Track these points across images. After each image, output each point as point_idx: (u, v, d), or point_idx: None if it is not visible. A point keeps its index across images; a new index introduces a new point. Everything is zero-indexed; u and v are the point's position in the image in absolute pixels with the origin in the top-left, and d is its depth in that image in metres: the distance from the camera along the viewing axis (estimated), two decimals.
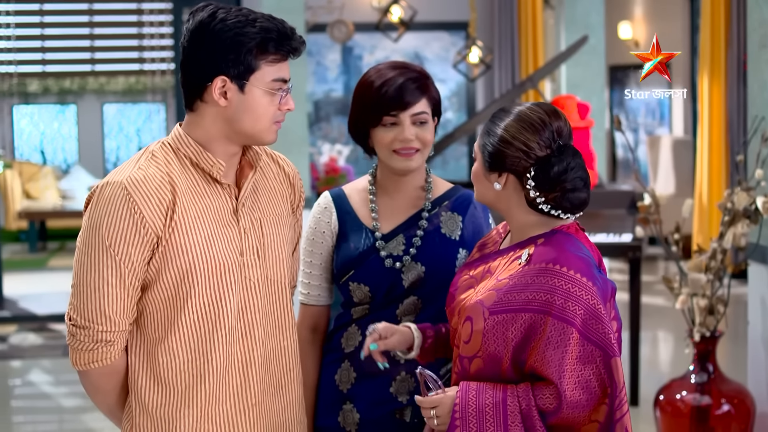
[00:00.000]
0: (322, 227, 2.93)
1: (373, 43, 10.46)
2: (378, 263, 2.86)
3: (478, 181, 2.59)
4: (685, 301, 4.69)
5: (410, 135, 2.82)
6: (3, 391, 7.31)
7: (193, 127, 2.47)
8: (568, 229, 2.55)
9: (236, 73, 2.38)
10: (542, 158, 2.49)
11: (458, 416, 2.43)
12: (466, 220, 2.93)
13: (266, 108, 2.42)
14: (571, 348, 2.38)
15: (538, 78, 6.75)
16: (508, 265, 2.53)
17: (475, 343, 2.47)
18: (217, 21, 2.37)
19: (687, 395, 4.78)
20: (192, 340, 2.42)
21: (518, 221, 2.56)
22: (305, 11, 7.95)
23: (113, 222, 2.34)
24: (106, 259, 2.35)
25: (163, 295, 2.41)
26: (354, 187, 3.00)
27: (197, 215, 2.41)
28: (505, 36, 9.91)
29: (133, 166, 2.41)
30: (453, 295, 2.65)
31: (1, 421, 6.57)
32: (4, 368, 7.63)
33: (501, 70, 9.97)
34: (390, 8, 8.94)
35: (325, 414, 2.93)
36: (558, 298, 2.39)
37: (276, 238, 2.57)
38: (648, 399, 5.84)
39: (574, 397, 2.39)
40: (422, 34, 10.48)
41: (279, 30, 2.40)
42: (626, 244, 5.97)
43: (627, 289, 6.22)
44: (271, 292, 2.55)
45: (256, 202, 2.55)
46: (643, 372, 6.73)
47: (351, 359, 2.89)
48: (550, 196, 2.49)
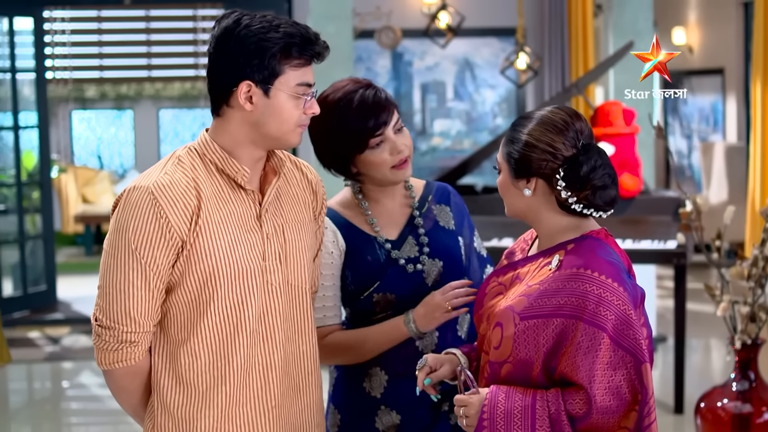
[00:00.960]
0: (328, 248, 2.90)
1: (423, 49, 10.48)
2: (400, 270, 2.88)
3: (506, 192, 2.57)
4: (727, 309, 4.66)
5: (401, 146, 2.84)
6: (55, 393, 7.43)
7: (219, 132, 2.51)
8: (598, 234, 2.54)
9: (261, 77, 2.42)
10: (569, 158, 2.49)
11: (486, 417, 2.44)
12: (452, 209, 3.00)
13: (291, 112, 2.46)
14: (602, 353, 2.38)
15: (584, 84, 6.73)
16: (538, 271, 2.53)
17: (506, 348, 2.47)
18: (241, 27, 2.41)
19: (728, 403, 4.75)
20: (214, 343, 2.46)
21: (548, 227, 2.56)
22: (353, 17, 7.98)
23: (139, 226, 2.39)
24: (132, 262, 2.39)
25: (186, 297, 2.45)
26: (340, 202, 2.98)
27: (221, 220, 2.45)
28: (555, 41, 9.89)
29: (160, 171, 2.46)
30: (481, 301, 2.65)
31: (53, 421, 6.68)
32: (56, 369, 7.75)
33: (551, 75, 9.94)
34: (438, 14, 8.95)
35: (358, 423, 2.95)
36: (590, 303, 2.39)
37: (298, 244, 2.60)
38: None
39: (604, 403, 2.38)
40: (472, 40, 10.48)
41: (302, 35, 2.43)
42: (671, 251, 5.94)
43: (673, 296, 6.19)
44: (292, 297, 2.58)
45: (279, 208, 2.58)
46: (693, 380, 6.69)
47: (382, 363, 2.91)
48: (582, 194, 2.48)
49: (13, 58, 9.19)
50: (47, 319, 9.08)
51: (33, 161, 9.67)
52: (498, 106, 10.71)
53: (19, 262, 9.32)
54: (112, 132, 15.26)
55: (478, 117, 10.69)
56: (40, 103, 9.37)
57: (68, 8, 10.76)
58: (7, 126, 9.27)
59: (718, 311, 4.67)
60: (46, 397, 7.42)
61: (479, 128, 10.66)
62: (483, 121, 10.67)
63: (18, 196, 9.30)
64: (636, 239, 6.09)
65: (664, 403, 6.28)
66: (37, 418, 6.75)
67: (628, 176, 6.03)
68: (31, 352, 8.08)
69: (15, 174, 9.32)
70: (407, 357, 2.88)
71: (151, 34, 13.39)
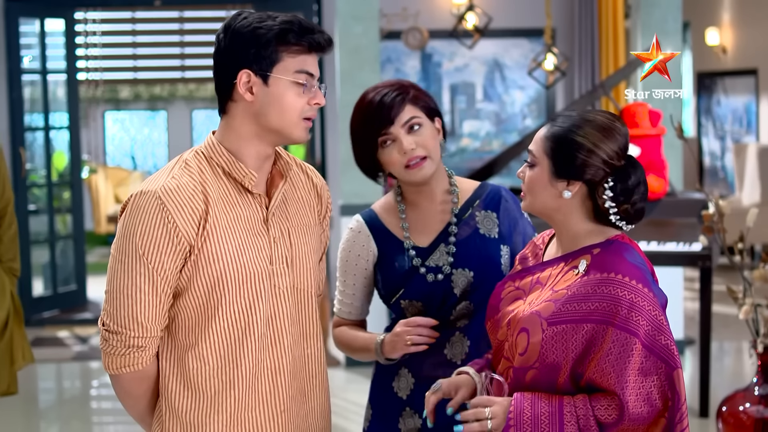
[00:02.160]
0: (356, 251, 2.95)
1: (452, 50, 10.46)
2: (421, 279, 2.87)
3: (538, 189, 2.52)
4: (749, 312, 4.61)
5: (409, 145, 2.83)
6: (84, 392, 7.48)
7: (226, 131, 2.50)
8: (623, 238, 2.52)
9: (259, 66, 2.41)
10: (619, 168, 2.47)
11: (512, 423, 2.39)
12: (500, 215, 2.93)
13: (292, 100, 2.44)
14: (634, 359, 2.35)
15: (610, 85, 6.69)
16: (563, 276, 2.49)
17: (532, 354, 2.43)
18: (239, 20, 2.43)
19: (750, 407, 4.71)
20: (222, 347, 2.45)
21: (574, 231, 2.52)
22: (380, 18, 7.98)
23: (147, 231, 2.38)
24: (139, 267, 2.38)
25: (194, 302, 2.44)
26: (383, 206, 3.00)
27: (229, 224, 2.44)
28: (586, 42, 9.84)
29: (167, 175, 2.45)
30: (497, 307, 2.61)
31: (82, 420, 6.73)
32: (84, 369, 7.80)
33: (581, 76, 9.89)
34: (465, 15, 8.92)
35: (382, 421, 2.96)
36: (622, 308, 2.35)
37: (304, 248, 2.59)
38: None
39: (636, 410, 2.34)
40: (501, 41, 10.45)
41: (300, 23, 2.43)
42: (696, 253, 5.89)
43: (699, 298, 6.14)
44: (299, 301, 2.57)
45: (286, 212, 2.57)
46: (725, 383, 6.63)
47: (409, 365, 2.92)
48: (622, 207, 2.47)
49: (44, 60, 9.26)
50: (76, 319, 9.14)
51: (64, 162, 9.74)
52: (527, 107, 10.66)
53: (50, 262, 9.39)
54: (145, 133, 15.37)
55: (508, 118, 10.65)
56: (71, 104, 9.44)
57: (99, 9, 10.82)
58: (38, 126, 9.35)
59: (740, 314, 4.63)
60: (75, 396, 7.47)
61: (509, 129, 10.62)
62: (512, 122, 10.63)
63: (48, 196, 9.37)
64: (661, 241, 6.05)
65: (691, 407, 6.24)
66: (66, 417, 6.80)
67: (653, 178, 5.99)
68: (60, 352, 8.14)
69: (46, 174, 9.39)
70: (434, 364, 2.88)
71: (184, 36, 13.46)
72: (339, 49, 7.19)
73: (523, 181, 2.57)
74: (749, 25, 11.76)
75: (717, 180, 12.53)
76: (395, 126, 2.83)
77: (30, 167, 9.39)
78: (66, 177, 9.73)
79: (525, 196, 2.57)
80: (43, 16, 9.25)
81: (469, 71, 10.55)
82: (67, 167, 9.72)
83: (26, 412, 6.86)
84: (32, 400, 7.20)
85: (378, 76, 7.22)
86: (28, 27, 9.28)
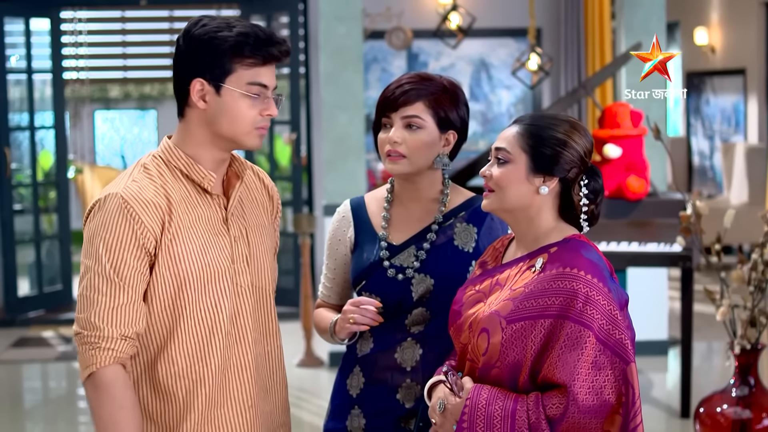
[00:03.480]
0: (338, 235, 3.00)
1: (438, 49, 10.46)
2: (383, 274, 2.88)
3: (513, 185, 2.52)
4: (726, 313, 4.61)
5: (397, 136, 2.83)
6: (69, 392, 7.47)
7: (182, 135, 2.53)
8: (580, 237, 2.55)
9: (212, 75, 2.45)
10: (590, 168, 2.55)
11: (466, 419, 2.43)
12: (481, 232, 2.90)
13: (244, 111, 2.47)
14: (587, 352, 2.37)
15: (592, 85, 6.68)
16: (521, 275, 2.51)
17: (493, 353, 2.46)
18: (198, 27, 2.46)
19: (727, 408, 4.70)
20: (190, 347, 2.49)
21: (537, 230, 2.55)
22: (364, 18, 7.97)
23: (111, 232, 2.40)
24: (99, 269, 2.40)
25: (161, 304, 2.46)
26: (374, 195, 3.02)
27: (191, 224, 2.48)
28: (572, 42, 9.83)
29: (128, 179, 2.48)
30: (458, 311, 2.62)
31: (67, 421, 6.72)
32: (70, 369, 7.79)
33: (567, 76, 9.89)
34: (448, 15, 8.92)
35: (335, 417, 2.97)
36: (578, 301, 2.38)
37: (261, 247, 2.64)
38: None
39: (586, 402, 2.36)
40: (488, 41, 10.45)
41: (256, 35, 2.45)
42: (677, 254, 5.89)
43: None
44: (258, 298, 2.62)
45: (243, 213, 2.62)
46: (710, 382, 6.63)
47: (362, 364, 2.92)
48: (591, 206, 2.52)
49: (29, 59, 9.25)
50: (62, 319, 9.12)
51: (50, 161, 9.73)
52: (514, 107, 10.67)
53: (35, 262, 9.38)
54: (135, 132, 15.34)
55: (494, 118, 10.66)
56: (57, 104, 9.43)
57: (84, 9, 10.81)
58: (23, 126, 9.34)
59: (717, 316, 4.63)
60: (60, 396, 7.47)
61: (495, 129, 10.62)
62: (499, 121, 10.63)
63: (34, 196, 9.36)
64: (642, 242, 6.04)
65: (672, 408, 6.25)
66: (52, 417, 6.79)
67: (634, 178, 5.98)
68: (45, 352, 8.13)
69: (31, 174, 9.38)
70: (384, 366, 2.89)
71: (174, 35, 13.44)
72: (322, 50, 7.19)
73: (489, 179, 2.56)
74: (738, 25, 11.77)
75: (706, 179, 12.54)
76: (396, 114, 2.84)
77: (16, 167, 9.38)
78: (52, 177, 9.72)
79: (492, 194, 2.56)
80: (28, 16, 9.24)
81: (455, 71, 10.55)
82: (52, 167, 9.70)
83: (11, 413, 6.85)
84: (17, 400, 7.20)
85: (361, 76, 7.21)
86: (14, 26, 9.27)
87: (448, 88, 2.87)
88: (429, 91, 2.84)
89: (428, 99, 2.83)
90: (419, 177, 2.89)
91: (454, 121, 2.87)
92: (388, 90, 2.87)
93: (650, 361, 7.16)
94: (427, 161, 2.86)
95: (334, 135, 7.20)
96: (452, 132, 2.87)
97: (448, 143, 2.88)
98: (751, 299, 4.57)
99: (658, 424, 5.94)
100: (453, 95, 2.87)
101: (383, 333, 2.87)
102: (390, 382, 2.87)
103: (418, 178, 2.89)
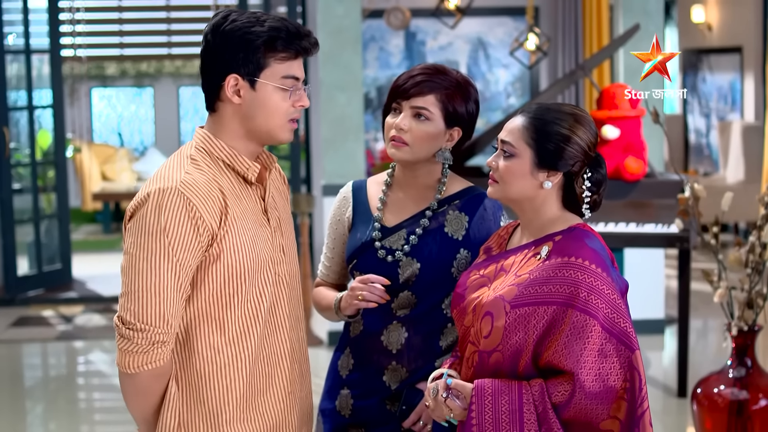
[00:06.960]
0: (338, 215, 3.08)
1: (436, 28, 10.46)
2: (373, 254, 2.94)
3: (518, 178, 2.58)
4: (723, 295, 4.65)
5: (403, 124, 2.88)
6: (69, 371, 7.50)
7: (217, 128, 2.57)
8: (584, 226, 2.60)
9: (247, 70, 2.49)
10: (594, 160, 2.59)
11: (474, 423, 2.48)
12: (473, 221, 2.95)
13: (278, 104, 2.53)
14: (593, 341, 2.42)
15: (590, 66, 6.69)
16: (526, 262, 2.56)
17: (496, 337, 2.50)
18: (228, 22, 2.49)
19: (725, 389, 4.75)
20: (235, 335, 2.52)
21: (542, 219, 2.61)
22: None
23: (173, 227, 2.40)
24: (165, 263, 2.40)
25: (209, 295, 2.49)
26: (375, 178, 3.09)
27: (242, 216, 2.52)
28: (569, 22, 9.84)
29: (179, 171, 2.48)
30: (462, 295, 2.67)
31: (67, 399, 6.75)
32: (69, 348, 7.82)
33: (564, 55, 9.90)
34: None
35: (327, 397, 3.05)
36: (582, 291, 2.43)
37: (291, 236, 2.72)
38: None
39: (593, 389, 2.41)
40: (485, 20, 10.45)
41: (288, 29, 2.50)
42: (675, 235, 5.92)
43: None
44: (293, 287, 2.68)
45: (275, 203, 2.68)
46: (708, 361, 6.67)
47: (352, 346, 3.00)
48: (593, 197, 2.58)
49: (27, 37, 9.22)
50: (61, 298, 9.15)
51: (48, 140, 9.73)
52: (511, 85, 10.68)
53: (35, 241, 9.39)
54: (132, 109, 15.31)
55: (492, 97, 10.66)
56: (55, 83, 9.41)
57: None
58: (22, 106, 9.33)
59: (715, 297, 4.67)
60: (60, 375, 7.49)
61: (492, 108, 10.64)
62: (496, 100, 10.64)
63: (33, 175, 9.36)
64: (640, 223, 6.07)
65: (669, 387, 6.29)
66: (52, 396, 6.82)
67: (632, 159, 6.01)
68: (45, 331, 8.15)
69: (30, 153, 9.38)
70: (371, 348, 2.95)
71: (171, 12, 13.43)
72: (321, 30, 7.19)
73: (494, 169, 2.62)
74: (735, 3, 11.76)
75: (702, 157, 12.56)
76: (407, 103, 2.89)
77: (14, 146, 9.37)
78: (50, 156, 9.72)
79: (497, 184, 2.63)
80: None
81: (453, 50, 10.55)
82: (51, 146, 9.70)
83: (11, 392, 6.89)
84: (17, 379, 7.23)
85: (360, 56, 7.22)
86: (11, 4, 9.24)
87: (461, 83, 2.92)
88: (442, 85, 2.88)
89: (440, 93, 2.88)
90: (419, 166, 2.95)
91: (461, 117, 2.92)
92: (402, 78, 2.92)
93: (647, 339, 7.20)
94: (428, 152, 2.91)
95: (333, 115, 7.21)
96: (457, 129, 2.92)
97: (451, 139, 2.93)
98: (749, 281, 4.61)
99: (655, 403, 5.98)
100: (465, 92, 2.92)
101: (371, 316, 2.93)
102: (376, 364, 2.93)
103: (418, 166, 2.95)
